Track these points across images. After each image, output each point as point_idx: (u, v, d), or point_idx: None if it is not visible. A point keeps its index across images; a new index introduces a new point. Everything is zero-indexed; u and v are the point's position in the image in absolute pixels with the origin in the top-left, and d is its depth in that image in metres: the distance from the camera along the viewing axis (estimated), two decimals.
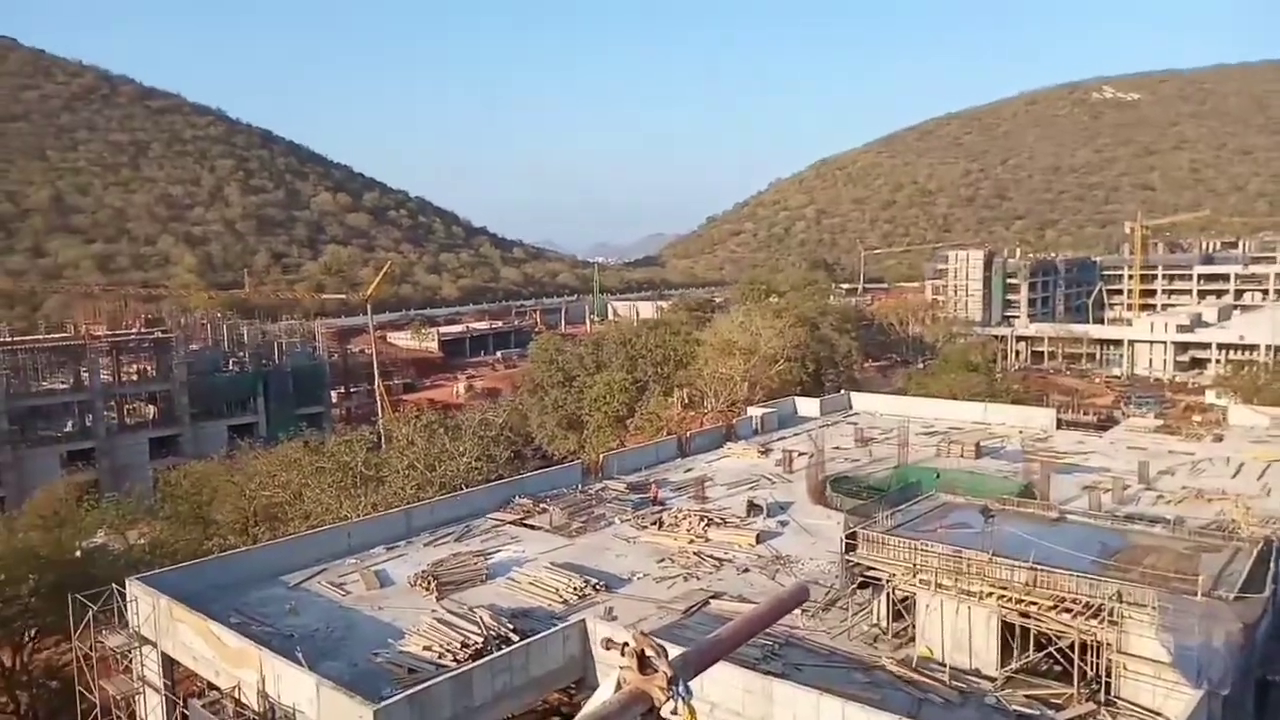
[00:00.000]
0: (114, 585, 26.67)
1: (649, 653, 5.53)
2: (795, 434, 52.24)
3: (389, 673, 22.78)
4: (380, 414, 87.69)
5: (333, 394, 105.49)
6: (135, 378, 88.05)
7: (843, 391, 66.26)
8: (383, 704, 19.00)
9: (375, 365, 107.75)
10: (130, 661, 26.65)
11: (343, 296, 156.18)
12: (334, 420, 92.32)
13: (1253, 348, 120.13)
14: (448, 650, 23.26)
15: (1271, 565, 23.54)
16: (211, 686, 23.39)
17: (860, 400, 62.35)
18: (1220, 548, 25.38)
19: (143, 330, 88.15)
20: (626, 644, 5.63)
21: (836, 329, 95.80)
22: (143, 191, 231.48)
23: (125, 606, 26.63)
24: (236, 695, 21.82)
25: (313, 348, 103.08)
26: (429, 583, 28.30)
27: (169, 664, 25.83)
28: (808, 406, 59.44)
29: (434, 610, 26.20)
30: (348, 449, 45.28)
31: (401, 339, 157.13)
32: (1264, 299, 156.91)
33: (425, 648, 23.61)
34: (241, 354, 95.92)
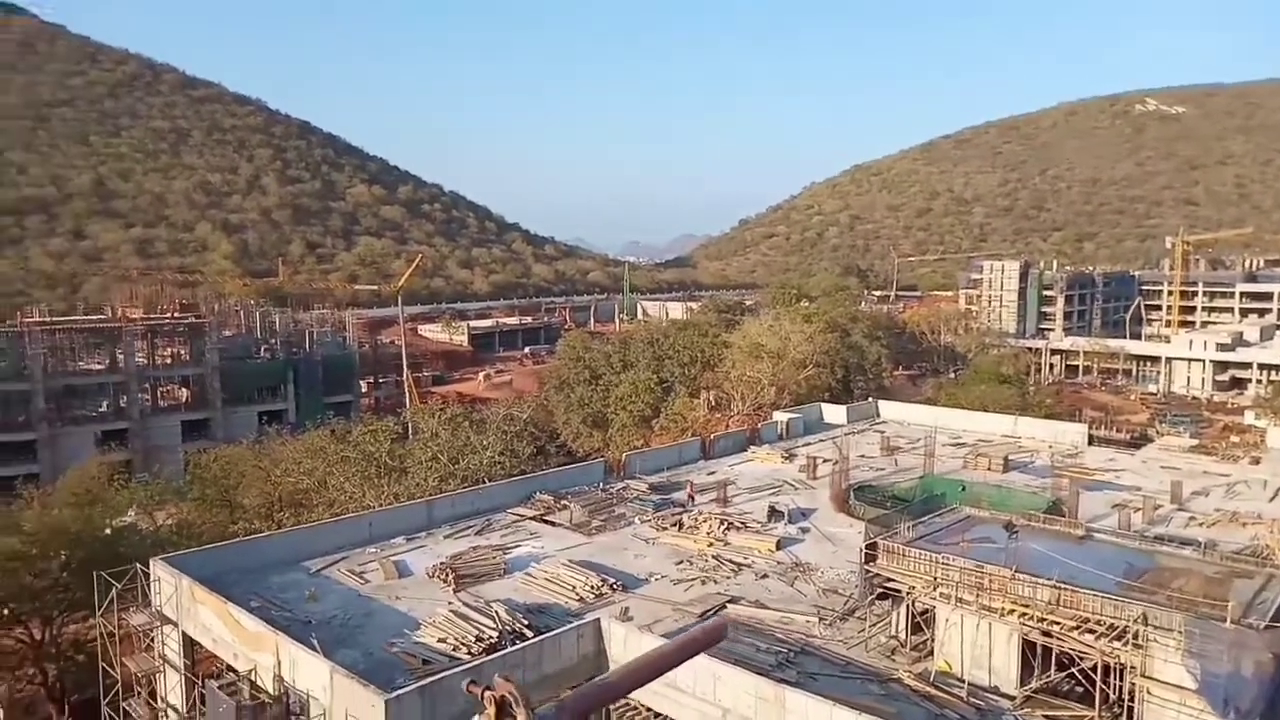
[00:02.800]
0: (138, 565, 27.04)
1: (509, 701, 5.12)
2: (820, 440, 51.88)
3: (403, 663, 22.88)
4: (408, 405, 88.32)
5: (362, 384, 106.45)
6: (169, 361, 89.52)
7: (870, 399, 65.68)
8: (395, 694, 19.04)
9: (404, 357, 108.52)
10: (152, 640, 27.01)
11: (375, 288, 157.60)
12: (362, 410, 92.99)
13: None
14: (462, 643, 23.31)
15: None
16: (229, 668, 23.61)
17: (888, 409, 61.76)
18: (1253, 574, 24.75)
19: (177, 315, 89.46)
20: (488, 689, 5.22)
21: (867, 336, 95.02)
22: (182, 178, 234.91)
23: (149, 586, 26.99)
24: (253, 678, 21.99)
25: (343, 337, 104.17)
26: (447, 575, 28.41)
27: (189, 644, 26.14)
28: (834, 413, 58.96)
29: (450, 602, 26.28)
30: (373, 439, 45.59)
31: (432, 332, 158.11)
32: None
33: (440, 639, 23.68)
34: (273, 341, 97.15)
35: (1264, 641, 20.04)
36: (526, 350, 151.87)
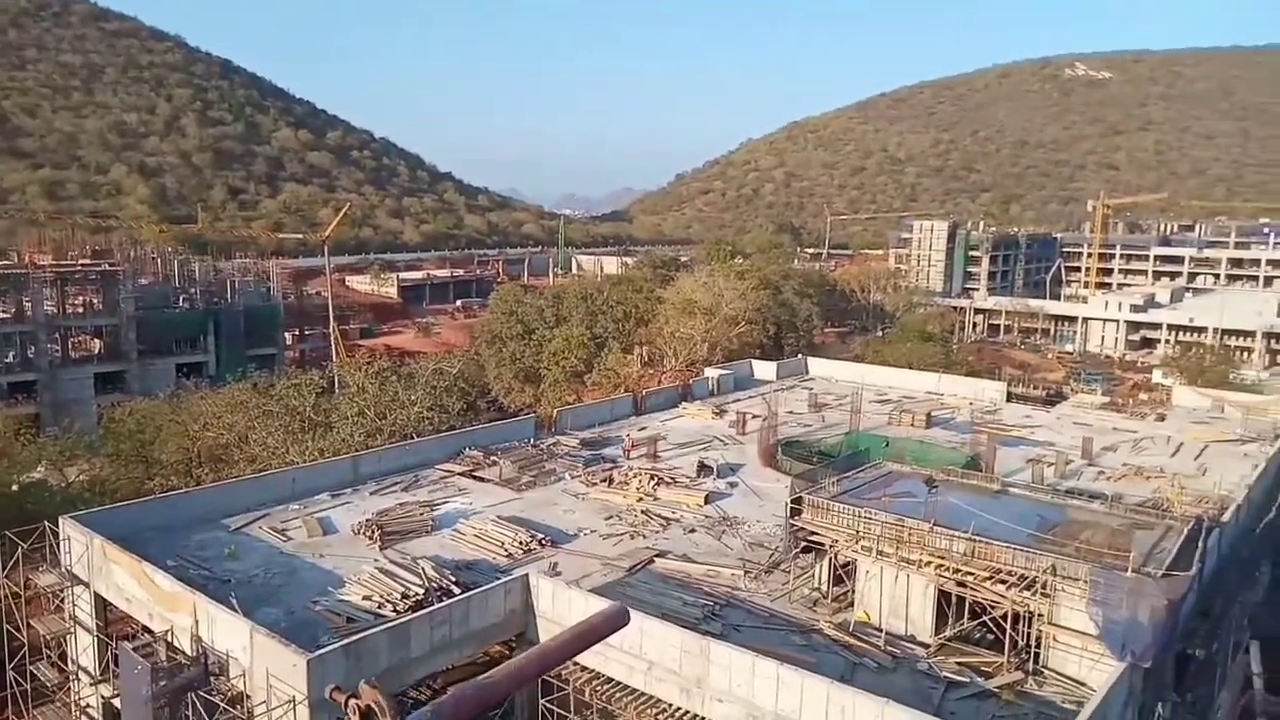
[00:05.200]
0: (46, 523, 26.05)
1: (375, 711, 4.76)
2: (750, 396, 52.48)
3: (326, 621, 22.60)
4: (334, 358, 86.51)
5: (286, 336, 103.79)
6: (81, 310, 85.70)
7: (800, 356, 66.61)
8: (318, 653, 18.82)
9: (331, 308, 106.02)
10: (62, 601, 26.15)
11: (300, 237, 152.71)
12: (286, 363, 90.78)
13: (1201, 330, 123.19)
14: (387, 600, 23.11)
15: (1200, 544, 24.17)
16: (144, 629, 23.02)
17: (817, 365, 62.74)
18: (1153, 525, 25.98)
19: (90, 261, 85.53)
20: (353, 696, 4.86)
21: (799, 293, 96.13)
22: (95, 117, 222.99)
23: (58, 545, 26.05)
24: (169, 639, 21.49)
25: (267, 288, 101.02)
26: (373, 532, 28.08)
27: (102, 605, 25.38)
28: (764, 370, 59.69)
29: (376, 560, 25.99)
30: (297, 393, 44.53)
31: (360, 283, 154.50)
32: (1215, 283, 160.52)
33: (365, 597, 23.43)
34: (193, 291, 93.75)
35: (1160, 589, 21.08)
36: (458, 303, 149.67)
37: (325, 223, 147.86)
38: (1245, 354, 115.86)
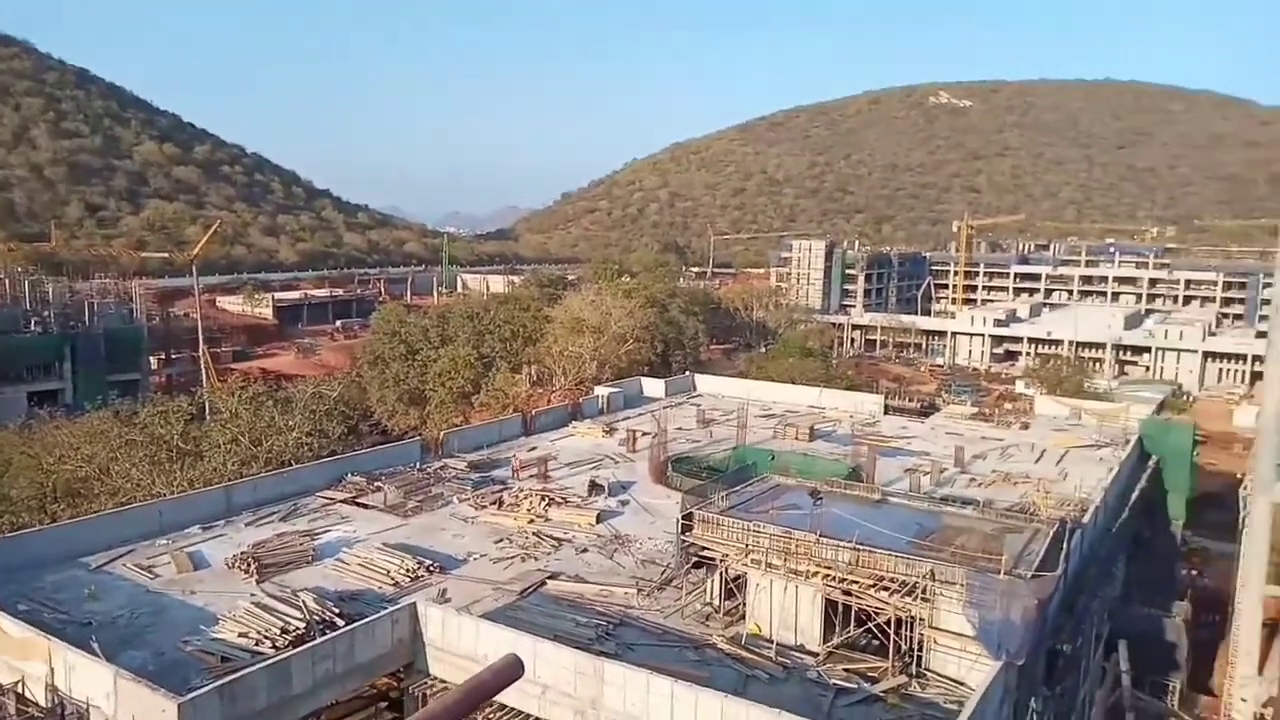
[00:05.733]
0: None
1: None
2: (640, 414, 52.76)
3: (199, 662, 21.33)
4: (205, 383, 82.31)
5: (152, 360, 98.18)
6: None
7: (687, 373, 67.47)
8: (189, 696, 17.71)
9: (200, 330, 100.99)
10: None
11: (166, 255, 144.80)
12: (152, 389, 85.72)
13: (1058, 343, 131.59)
14: (265, 637, 22.01)
15: (1064, 545, 25.65)
16: None
17: (704, 382, 63.67)
18: (1022, 528, 27.42)
19: None
20: None
21: (685, 311, 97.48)
22: None
23: None
24: (20, 690, 19.82)
25: (130, 309, 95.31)
26: (249, 565, 26.74)
27: None
28: (653, 387, 60.16)
29: (253, 594, 24.75)
30: (163, 420, 42.06)
31: (232, 304, 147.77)
32: (1069, 298, 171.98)
33: (241, 634, 22.24)
34: (46, 314, 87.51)
35: (1030, 589, 22.24)
36: (338, 324, 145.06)
37: (193, 241, 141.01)
38: (1097, 364, 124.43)
